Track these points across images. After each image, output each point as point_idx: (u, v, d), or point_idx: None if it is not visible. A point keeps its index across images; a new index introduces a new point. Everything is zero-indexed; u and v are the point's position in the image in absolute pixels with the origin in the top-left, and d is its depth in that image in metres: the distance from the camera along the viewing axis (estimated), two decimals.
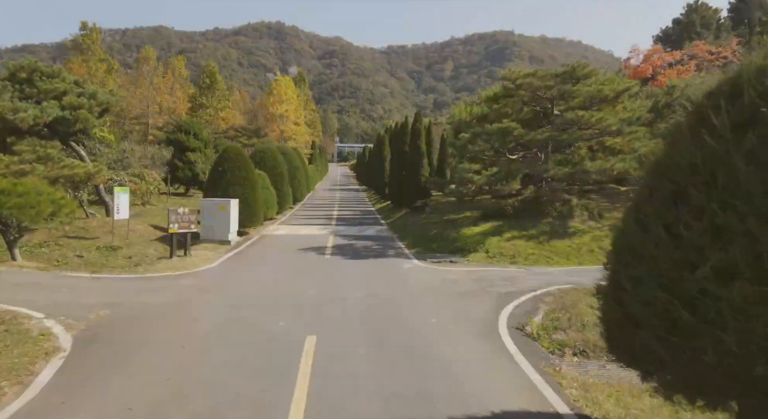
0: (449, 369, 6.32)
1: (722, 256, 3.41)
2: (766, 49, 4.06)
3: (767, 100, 3.55)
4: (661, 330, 3.66)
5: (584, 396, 5.67)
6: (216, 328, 7.77)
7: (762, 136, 3.46)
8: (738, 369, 3.29)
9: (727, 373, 3.37)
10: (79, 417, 4.88)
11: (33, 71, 14.67)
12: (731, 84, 3.85)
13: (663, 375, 3.79)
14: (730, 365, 3.32)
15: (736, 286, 3.32)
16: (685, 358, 3.55)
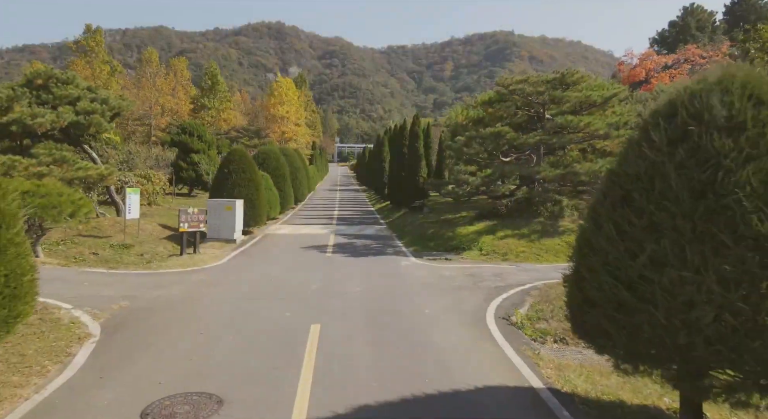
0: (439, 352, 7.08)
1: (656, 247, 4.17)
2: (700, 76, 4.83)
3: (696, 120, 4.31)
4: (609, 309, 4.42)
5: (558, 375, 6.42)
6: (228, 318, 8.51)
7: (689, 150, 4.23)
8: (666, 339, 4.05)
9: (658, 343, 4.12)
10: (116, 389, 5.64)
11: (49, 78, 15.43)
12: (669, 105, 4.62)
13: (611, 347, 4.54)
14: (661, 336, 4.08)
15: (666, 272, 4.08)
16: (627, 332, 4.30)
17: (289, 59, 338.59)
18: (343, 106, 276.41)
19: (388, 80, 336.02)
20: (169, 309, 8.98)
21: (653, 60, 33.27)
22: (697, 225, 4.02)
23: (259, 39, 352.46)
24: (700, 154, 4.15)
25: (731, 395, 4.12)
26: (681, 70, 30.21)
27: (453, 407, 5.39)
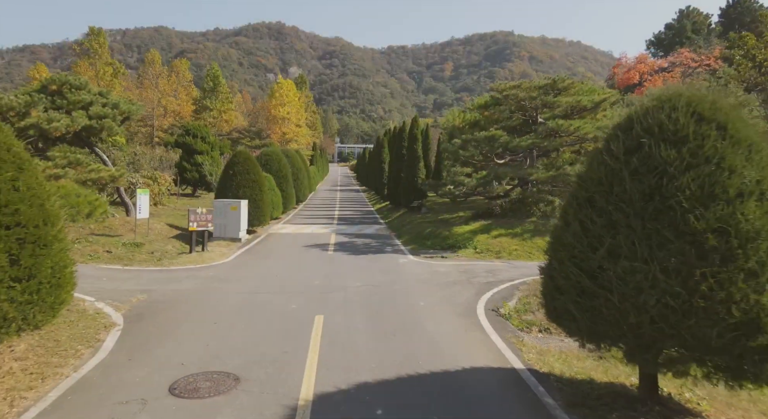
0: (432, 338, 7.80)
1: (613, 242, 4.90)
2: (655, 93, 5.56)
3: (649, 133, 5.05)
4: (574, 295, 5.14)
5: (538, 358, 7.15)
6: (239, 310, 9.24)
7: (642, 159, 4.96)
8: (620, 319, 4.77)
9: (614, 323, 4.85)
10: (144, 369, 6.36)
11: (63, 84, 16.14)
12: (627, 120, 5.36)
13: (576, 328, 5.26)
14: (615, 317, 4.80)
15: (620, 262, 4.81)
16: (589, 314, 5.03)
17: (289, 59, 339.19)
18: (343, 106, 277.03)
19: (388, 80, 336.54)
20: (183, 301, 9.71)
21: (647, 63, 34.04)
22: (646, 223, 4.75)
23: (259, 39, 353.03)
24: (650, 162, 4.88)
25: (673, 366, 4.85)
26: (674, 74, 30.94)
27: (441, 383, 6.12)
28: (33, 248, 5.43)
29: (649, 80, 31.52)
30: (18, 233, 5.30)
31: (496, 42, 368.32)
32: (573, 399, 5.76)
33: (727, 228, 4.49)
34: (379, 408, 5.42)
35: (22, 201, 5.44)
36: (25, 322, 5.36)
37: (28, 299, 5.33)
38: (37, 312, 5.48)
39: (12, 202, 5.32)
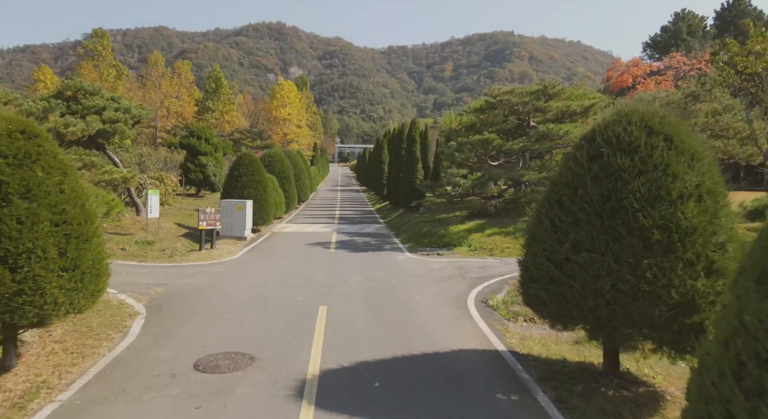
0: (425, 326, 8.64)
1: (576, 237, 5.74)
2: (616, 108, 6.39)
3: (608, 144, 5.88)
4: (544, 283, 5.98)
5: (519, 343, 7.99)
6: (249, 301, 10.08)
7: (601, 165, 5.79)
8: (581, 303, 5.61)
9: (576, 306, 5.68)
10: (169, 350, 7.20)
11: (78, 90, 16.98)
12: (592, 131, 6.19)
13: (547, 311, 6.09)
14: (578, 300, 5.64)
15: (581, 254, 5.65)
16: (556, 299, 5.86)
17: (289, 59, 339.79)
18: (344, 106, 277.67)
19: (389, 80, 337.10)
20: (197, 294, 10.55)
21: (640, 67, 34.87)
22: (604, 220, 5.59)
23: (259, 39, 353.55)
24: (608, 168, 5.72)
25: (627, 342, 5.70)
26: (666, 77, 31.75)
27: (432, 362, 6.96)
28: (77, 242, 6.26)
29: (642, 83, 32.34)
30: (65, 229, 6.14)
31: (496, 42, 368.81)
32: (546, 374, 6.60)
33: (670, 225, 5.33)
34: (377, 381, 6.26)
35: (68, 202, 6.28)
36: (71, 306, 6.19)
37: (74, 286, 6.17)
38: (81, 298, 6.31)
39: (60, 203, 6.15)
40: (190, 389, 5.94)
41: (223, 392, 5.88)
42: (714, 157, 6.00)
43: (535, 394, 6.01)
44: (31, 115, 15.00)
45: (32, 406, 5.46)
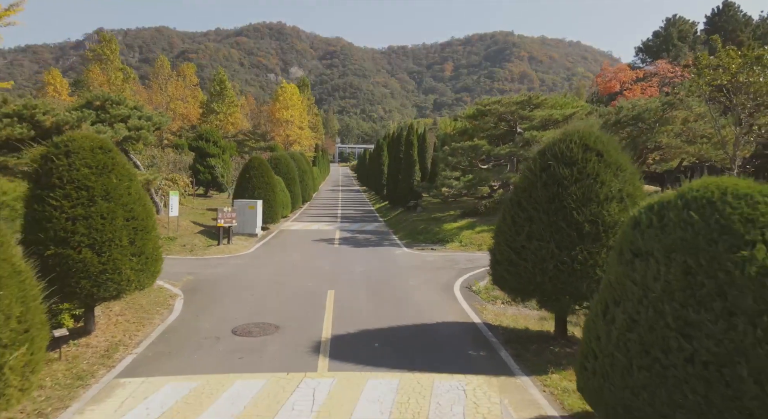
0: (417, 305, 10.39)
1: (529, 229, 7.48)
2: (564, 129, 8.13)
3: (554, 157, 7.62)
4: (506, 265, 7.72)
5: (493, 318, 9.73)
6: (268, 286, 11.82)
7: (549, 175, 7.53)
8: (532, 280, 7.35)
9: (529, 282, 7.42)
10: (209, 321, 8.95)
11: (105, 100, 18.72)
12: (543, 148, 7.93)
13: (508, 288, 7.83)
14: (530, 279, 7.38)
15: (533, 242, 7.39)
16: (514, 277, 7.60)
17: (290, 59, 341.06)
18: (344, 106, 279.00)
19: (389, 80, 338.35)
20: (223, 281, 12.30)
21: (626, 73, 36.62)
22: (550, 217, 7.33)
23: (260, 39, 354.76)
24: (554, 177, 7.46)
25: (566, 309, 7.45)
26: (651, 83, 33.46)
27: (420, 329, 8.71)
28: (142, 234, 8.00)
29: (629, 89, 34.06)
30: (134, 224, 7.88)
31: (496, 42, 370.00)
32: (510, 338, 8.35)
33: (597, 220, 7.08)
34: (376, 342, 8.01)
35: (134, 202, 8.02)
36: (138, 283, 7.93)
37: (141, 268, 7.91)
38: (145, 277, 8.05)
39: (129, 203, 7.90)
40: (231, 347, 7.69)
41: (257, 349, 7.63)
42: (636, 168, 7.75)
43: (499, 351, 7.76)
44: (67, 123, 16.74)
45: (116, 357, 7.22)
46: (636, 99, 26.15)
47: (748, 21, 56.31)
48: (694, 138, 22.30)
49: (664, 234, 4.32)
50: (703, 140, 21.86)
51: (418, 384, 6.42)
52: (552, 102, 20.81)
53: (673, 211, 4.36)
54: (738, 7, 58.07)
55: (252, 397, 5.97)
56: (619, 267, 4.68)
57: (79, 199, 7.39)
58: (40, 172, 7.50)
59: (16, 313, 4.54)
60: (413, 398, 6.02)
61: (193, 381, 6.41)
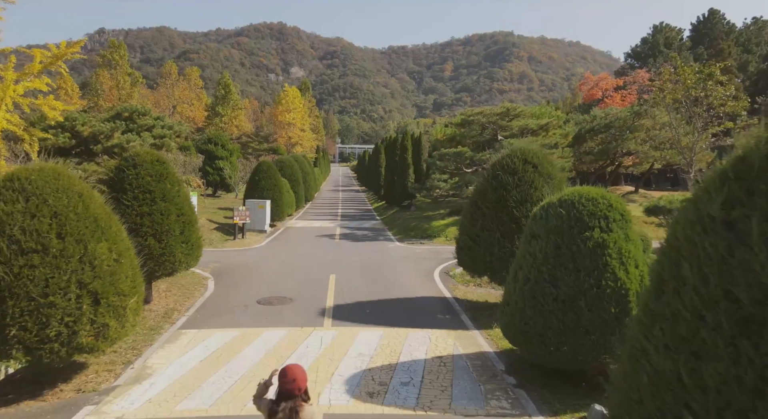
0: (402, 285, 12.87)
1: (482, 222, 9.99)
2: (510, 148, 10.62)
3: (502, 168, 10.11)
4: (466, 250, 10.21)
5: (462, 294, 12.21)
6: (280, 272, 14.30)
7: (497, 181, 10.02)
8: (484, 260, 9.82)
9: (481, 263, 9.90)
10: (238, 296, 11.44)
11: (132, 112, 21.22)
12: (494, 161, 10.41)
13: (467, 268, 10.31)
14: (482, 259, 9.85)
15: (485, 232, 9.88)
16: (471, 259, 10.07)
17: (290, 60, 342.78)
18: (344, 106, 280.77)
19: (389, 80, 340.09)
20: (243, 267, 14.79)
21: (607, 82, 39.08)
22: (496, 213, 9.82)
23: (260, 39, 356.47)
24: (501, 183, 9.95)
25: None
26: (631, 91, 35.89)
27: (403, 301, 11.20)
28: (188, 226, 10.49)
29: (609, 96, 36.50)
30: (183, 218, 10.37)
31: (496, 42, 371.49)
32: (470, 307, 10.84)
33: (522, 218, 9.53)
34: (368, 309, 10.50)
35: (183, 201, 10.51)
36: (186, 264, 10.41)
37: (188, 252, 10.39)
38: (191, 260, 10.53)
39: (179, 203, 10.38)
40: (258, 311, 10.19)
41: (278, 313, 10.12)
42: (564, 177, 10.23)
43: (460, 315, 10.25)
44: (102, 133, 19.24)
45: (174, 317, 9.72)
46: (609, 108, 28.61)
47: (731, 29, 58.70)
48: (660, 144, 24.74)
49: (547, 223, 6.82)
50: (666, 146, 24.30)
51: (396, 334, 8.91)
52: (530, 112, 23.29)
53: (552, 209, 6.85)
54: (723, 15, 60.51)
55: (277, 341, 8.46)
56: (523, 245, 7.18)
57: (144, 200, 9.89)
58: (115, 179, 9.99)
59: (130, 274, 7.02)
60: (392, 341, 8.51)
61: (233, 331, 8.90)
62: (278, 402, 3.33)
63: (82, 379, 6.87)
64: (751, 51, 55.59)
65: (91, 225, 6.55)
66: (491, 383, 7.01)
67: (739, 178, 3.06)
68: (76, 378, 6.88)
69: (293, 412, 3.27)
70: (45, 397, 6.34)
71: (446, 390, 6.73)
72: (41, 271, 5.97)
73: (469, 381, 7.05)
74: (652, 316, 3.42)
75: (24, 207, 6.12)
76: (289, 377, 3.33)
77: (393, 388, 6.76)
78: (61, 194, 6.42)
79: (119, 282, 6.67)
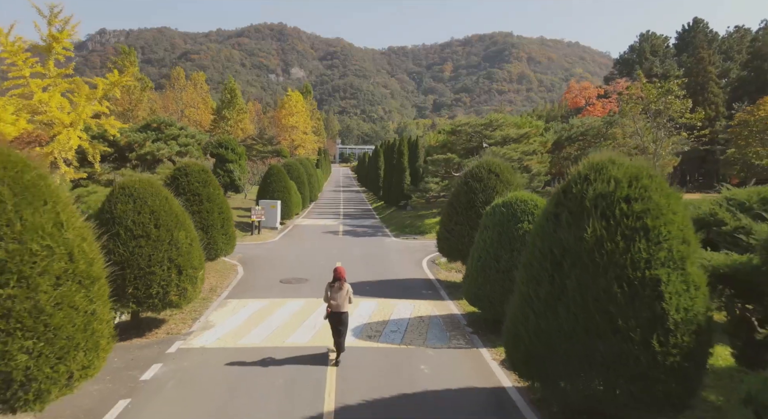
0: (395, 270, 15.75)
1: (456, 218, 12.90)
2: (479, 160, 13.52)
3: (472, 177, 13.02)
4: (444, 240, 13.11)
5: (443, 277, 15.09)
6: (295, 260, 17.18)
7: (468, 187, 12.94)
8: (457, 248, 12.72)
9: (455, 249, 12.79)
10: (264, 277, 14.34)
11: (160, 123, 24.09)
12: (466, 171, 13.30)
13: (445, 253, 13.18)
14: (455, 247, 12.77)
15: (458, 226, 12.76)
16: (448, 247, 12.96)
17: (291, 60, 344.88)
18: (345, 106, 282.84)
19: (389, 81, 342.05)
20: (263, 257, 17.67)
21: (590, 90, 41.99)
22: (467, 212, 12.73)
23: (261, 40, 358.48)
24: (470, 188, 12.86)
25: None
26: (611, 99, 38.77)
27: (395, 282, 14.10)
28: (227, 222, 13.37)
29: (592, 104, 39.36)
30: (222, 215, 13.26)
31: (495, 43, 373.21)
32: (449, 286, 13.73)
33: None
34: (367, 287, 13.40)
35: (222, 202, 13.40)
36: (225, 252, 13.30)
37: (227, 241, 13.27)
38: (228, 248, 13.42)
39: (220, 203, 13.28)
40: (281, 288, 13.08)
41: (297, 289, 13.01)
42: (521, 182, 13.11)
43: (439, 291, 13.14)
44: (136, 142, 22.12)
45: (218, 292, 12.61)
46: (586, 117, 31.52)
47: (714, 37, 61.60)
48: (629, 151, 27.62)
49: (494, 218, 9.72)
50: (634, 153, 27.17)
51: (388, 303, 11.80)
52: (512, 121, 26.16)
53: (497, 208, 9.75)
54: (706, 23, 63.40)
55: (299, 307, 11.34)
56: (478, 234, 10.08)
57: (194, 201, 12.78)
58: (170, 185, 12.87)
59: (197, 254, 9.89)
60: (385, 307, 11.40)
61: (265, 301, 11.79)
62: (332, 283, 8.40)
63: (168, 328, 9.77)
64: (733, 58, 58.51)
65: (174, 219, 9.43)
66: (455, 331, 9.91)
67: (563, 191, 5.98)
68: (164, 327, 9.78)
69: (340, 284, 8.31)
70: (147, 337, 9.24)
71: (422, 335, 9.63)
72: (146, 250, 8.85)
73: (440, 330, 9.95)
74: (522, 266, 6.33)
75: (133, 206, 9.00)
76: (338, 270, 8.28)
77: (385, 334, 9.66)
78: (155, 197, 9.30)
79: (193, 260, 9.56)
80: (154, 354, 8.44)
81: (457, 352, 8.86)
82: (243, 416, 6.43)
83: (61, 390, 4.91)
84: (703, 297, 5.43)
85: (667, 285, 5.23)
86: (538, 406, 6.85)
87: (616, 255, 5.38)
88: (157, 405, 6.67)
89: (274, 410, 6.59)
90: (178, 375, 7.61)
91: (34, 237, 4.66)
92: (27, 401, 4.63)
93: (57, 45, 14.18)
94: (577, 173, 6.04)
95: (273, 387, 7.30)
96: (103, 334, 5.41)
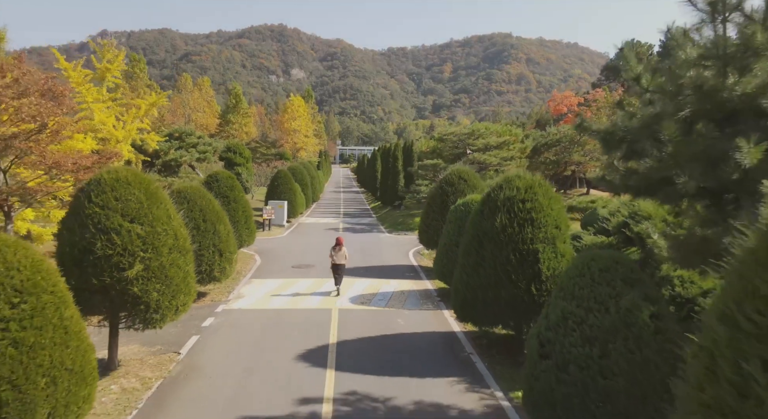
0: (386, 259, 19.01)
1: (432, 215, 16.17)
2: (452, 169, 16.81)
3: (446, 182, 16.29)
4: (423, 233, 16.38)
5: (425, 265, 18.34)
6: (303, 251, 20.41)
7: (442, 190, 16.21)
8: (433, 237, 15.96)
9: (432, 240, 16.02)
10: (278, 264, 17.61)
11: (182, 133, 27.35)
12: (441, 178, 16.56)
13: (423, 243, 16.41)
14: (432, 238, 15.99)
15: (433, 221, 16.02)
16: (426, 238, 16.22)
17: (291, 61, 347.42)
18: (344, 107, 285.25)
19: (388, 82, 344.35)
20: (276, 249, 20.92)
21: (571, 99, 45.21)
22: (441, 209, 15.98)
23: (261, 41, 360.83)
24: (443, 192, 16.13)
25: None
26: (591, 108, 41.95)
27: (384, 267, 17.37)
28: (249, 218, 16.63)
29: (573, 111, 42.53)
30: (245, 213, 16.52)
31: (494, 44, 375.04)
32: (427, 270, 16.98)
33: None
34: (362, 271, 16.65)
35: (245, 203, 16.66)
36: (246, 242, 16.54)
37: (248, 234, 16.53)
38: (251, 240, 16.67)
39: (243, 203, 16.54)
40: (293, 271, 16.33)
41: (306, 272, 16.27)
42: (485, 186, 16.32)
43: (420, 274, 16.40)
44: (162, 150, 25.39)
45: (242, 274, 15.87)
46: (561, 126, 34.78)
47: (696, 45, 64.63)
48: (598, 156, 30.84)
49: (455, 214, 12.99)
50: None
51: (378, 282, 15.06)
52: (494, 129, 29.37)
53: (458, 206, 13.03)
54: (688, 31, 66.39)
55: (309, 284, 14.59)
56: (444, 227, 13.35)
57: (224, 202, 16.01)
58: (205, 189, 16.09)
59: (232, 242, 13.12)
60: (375, 285, 14.66)
61: (282, 280, 15.04)
62: (335, 247, 13.72)
63: (211, 298, 13.04)
64: None
65: (215, 215, 12.68)
66: (426, 300, 13.18)
67: (487, 194, 9.23)
68: (207, 297, 13.05)
69: (339, 247, 13.59)
70: (198, 303, 12.49)
71: (402, 302, 12.89)
72: (197, 239, 12.07)
73: (415, 300, 13.20)
74: (462, 244, 9.59)
75: (186, 206, 12.24)
76: (339, 239, 13.41)
77: (374, 302, 12.92)
78: (201, 198, 12.54)
79: (230, 246, 12.81)
80: (207, 313, 11.70)
81: (426, 313, 12.11)
82: (274, 345, 9.68)
83: (171, 317, 8.12)
84: (567, 262, 8.66)
85: (543, 254, 8.48)
86: (474, 341, 10.09)
87: (514, 236, 8.62)
88: (217, 338, 9.93)
89: (295, 341, 9.84)
90: (227, 323, 10.88)
91: (158, 223, 7.87)
92: (155, 320, 7.84)
93: (108, 74, 17.43)
94: (496, 183, 9.29)
95: (293, 330, 10.56)
96: (192, 286, 8.64)
